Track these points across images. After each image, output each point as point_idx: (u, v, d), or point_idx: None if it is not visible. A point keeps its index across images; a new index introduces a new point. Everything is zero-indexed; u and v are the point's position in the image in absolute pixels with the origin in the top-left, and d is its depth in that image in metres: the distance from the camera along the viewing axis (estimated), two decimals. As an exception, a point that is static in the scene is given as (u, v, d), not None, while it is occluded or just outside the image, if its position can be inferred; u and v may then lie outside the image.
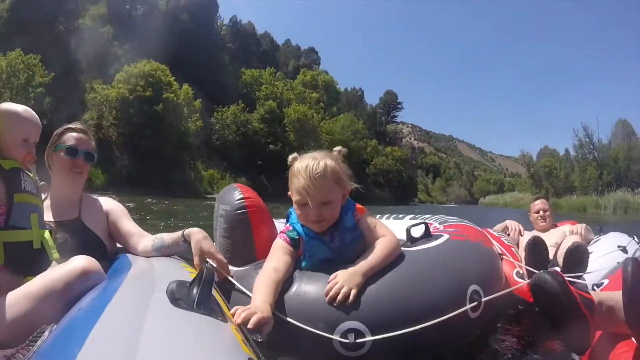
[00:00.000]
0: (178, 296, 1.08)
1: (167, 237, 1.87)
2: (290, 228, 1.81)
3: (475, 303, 1.65)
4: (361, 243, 1.78)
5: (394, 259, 1.68)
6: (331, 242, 1.77)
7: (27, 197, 1.58)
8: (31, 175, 1.70)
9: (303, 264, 1.78)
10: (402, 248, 1.77)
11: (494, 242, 2.58)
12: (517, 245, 3.33)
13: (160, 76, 36.04)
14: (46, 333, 1.08)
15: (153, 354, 0.76)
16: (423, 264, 1.71)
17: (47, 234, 1.57)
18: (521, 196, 42.49)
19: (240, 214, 2.04)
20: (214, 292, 1.22)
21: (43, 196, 1.85)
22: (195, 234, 1.79)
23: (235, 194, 2.10)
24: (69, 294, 1.28)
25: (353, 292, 1.48)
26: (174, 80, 37.21)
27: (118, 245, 2.10)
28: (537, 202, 3.76)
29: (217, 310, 1.13)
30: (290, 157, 1.80)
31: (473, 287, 1.69)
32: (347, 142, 52.47)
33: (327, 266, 1.67)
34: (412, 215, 3.28)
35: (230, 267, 1.86)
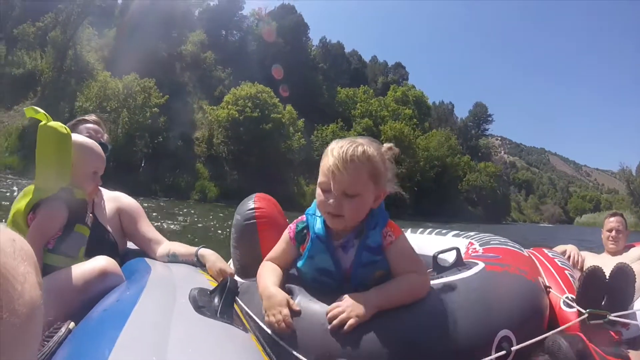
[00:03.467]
0: (201, 303, 1.09)
1: (180, 253, 1.85)
2: (303, 218, 1.55)
3: (503, 352, 1.37)
4: (381, 272, 1.44)
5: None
6: (340, 253, 1.44)
7: (85, 229, 1.63)
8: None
9: (299, 262, 1.51)
10: None
11: (547, 263, 2.42)
12: (581, 268, 2.92)
13: (265, 98, 37.87)
14: (63, 329, 1.09)
15: (182, 358, 0.78)
16: (445, 302, 1.39)
17: None
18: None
19: (248, 224, 1.96)
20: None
21: None
22: (209, 255, 1.78)
23: (248, 204, 2.04)
24: (87, 293, 1.30)
25: (350, 322, 1.25)
26: (278, 101, 38.95)
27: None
28: (612, 219, 3.24)
29: (238, 319, 1.16)
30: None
31: (503, 332, 1.40)
32: (443, 159, 51.57)
33: (327, 280, 1.46)
34: (455, 232, 2.79)
35: (238, 279, 1.76)
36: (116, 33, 47.20)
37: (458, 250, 1.78)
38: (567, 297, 2.09)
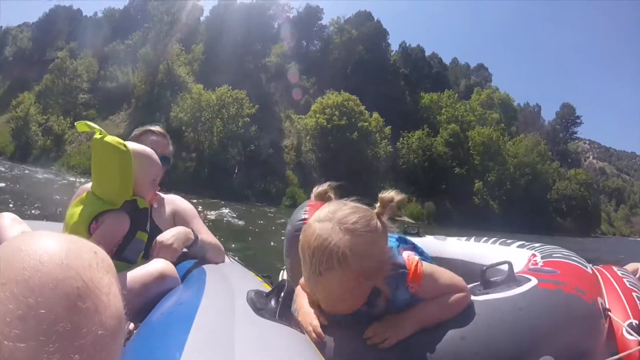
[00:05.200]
0: (259, 305, 1.09)
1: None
2: None
3: None
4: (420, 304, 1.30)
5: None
6: (372, 309, 1.26)
7: (145, 235, 1.65)
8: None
9: None
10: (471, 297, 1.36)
11: (614, 283, 2.04)
12: None
13: (352, 106, 38.23)
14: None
15: None
16: (486, 321, 1.29)
17: None
18: None
19: (296, 234, 1.71)
20: None
21: None
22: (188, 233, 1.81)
23: (299, 213, 1.99)
24: (145, 296, 1.33)
25: (389, 341, 1.18)
26: (364, 109, 39.14)
27: None
28: None
29: (294, 322, 1.13)
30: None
31: (546, 358, 1.27)
32: (534, 166, 49.03)
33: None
34: (520, 242, 2.34)
35: None
36: (203, 48, 49.26)
37: (510, 264, 1.58)
38: (630, 323, 1.78)
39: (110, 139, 1.52)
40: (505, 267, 1.57)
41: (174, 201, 2.12)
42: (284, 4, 59.49)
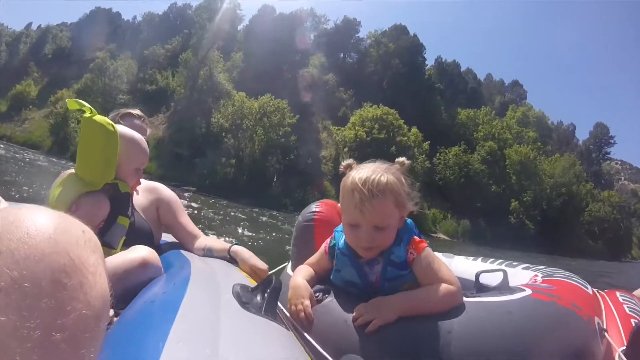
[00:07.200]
0: (245, 299, 1.11)
1: (215, 248, 1.86)
2: (333, 235, 1.58)
3: None
4: (409, 283, 1.39)
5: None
6: (366, 269, 1.43)
7: (126, 221, 1.62)
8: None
9: (331, 275, 1.54)
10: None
11: (612, 307, 2.02)
12: None
13: (391, 120, 38.41)
14: None
15: (234, 354, 0.80)
16: (474, 319, 1.27)
17: None
18: None
19: (306, 224, 2.02)
20: None
21: None
22: (242, 253, 1.77)
23: (311, 207, 2.08)
24: (127, 283, 1.29)
25: (375, 322, 1.25)
26: (403, 123, 39.08)
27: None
28: None
29: (280, 317, 1.18)
30: (344, 163, 1.46)
31: None
32: (569, 187, 48.41)
33: (355, 292, 1.45)
34: (526, 265, 2.32)
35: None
36: (243, 56, 49.91)
37: (505, 272, 1.71)
38: (625, 350, 1.71)
39: (99, 118, 1.52)
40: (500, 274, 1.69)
41: (156, 189, 2.04)
42: (321, 15, 60.22)
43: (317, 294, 1.43)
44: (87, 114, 1.50)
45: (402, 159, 1.44)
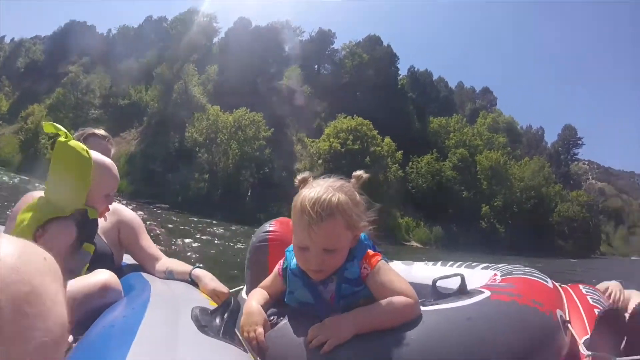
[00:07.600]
0: (203, 323, 1.09)
1: (176, 270, 1.82)
2: (285, 256, 1.54)
3: None
4: (365, 299, 1.34)
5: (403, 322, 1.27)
6: (320, 288, 1.38)
7: (91, 247, 1.60)
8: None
9: (285, 298, 1.49)
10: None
11: (576, 300, 2.06)
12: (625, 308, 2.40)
13: (365, 130, 38.73)
14: None
15: None
16: (433, 329, 1.25)
17: None
18: None
19: (260, 245, 1.98)
20: None
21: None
22: (204, 276, 1.73)
23: (265, 226, 2.04)
24: (87, 307, 1.26)
25: (330, 342, 1.19)
26: (377, 133, 39.52)
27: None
28: None
29: (238, 340, 1.15)
30: (299, 177, 1.40)
31: None
32: (539, 189, 49.56)
33: (311, 312, 1.37)
34: (485, 265, 2.34)
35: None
36: (218, 69, 49.90)
37: (462, 277, 1.61)
38: (587, 339, 1.81)
39: (74, 143, 1.50)
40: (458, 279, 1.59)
41: (118, 211, 2.00)
42: (296, 27, 60.75)
43: (272, 318, 1.39)
44: (62, 138, 1.48)
45: (359, 172, 1.41)
